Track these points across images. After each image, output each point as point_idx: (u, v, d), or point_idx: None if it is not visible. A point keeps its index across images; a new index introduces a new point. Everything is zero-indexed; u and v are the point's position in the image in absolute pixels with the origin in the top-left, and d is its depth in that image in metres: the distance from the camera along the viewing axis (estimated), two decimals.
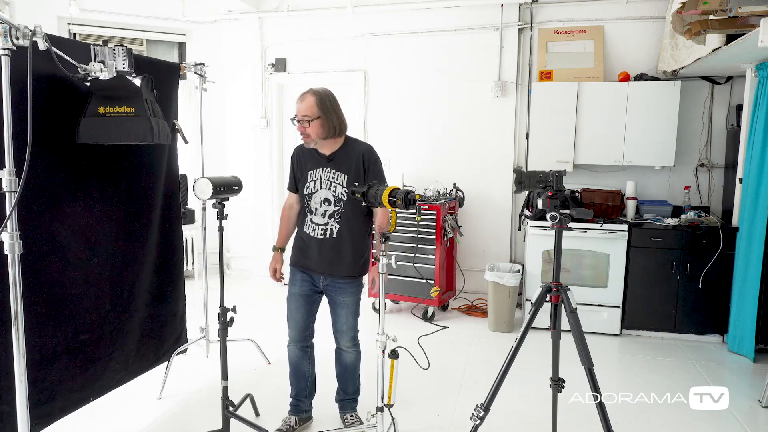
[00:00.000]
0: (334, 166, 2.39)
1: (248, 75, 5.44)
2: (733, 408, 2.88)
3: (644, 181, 4.50)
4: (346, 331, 2.51)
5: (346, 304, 2.47)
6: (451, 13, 4.81)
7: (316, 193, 2.41)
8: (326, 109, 2.33)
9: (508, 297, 4.08)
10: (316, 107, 2.31)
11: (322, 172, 2.40)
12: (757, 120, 3.50)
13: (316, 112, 2.31)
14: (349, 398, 2.67)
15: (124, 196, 2.63)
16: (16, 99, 1.72)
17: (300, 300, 2.51)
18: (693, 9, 2.93)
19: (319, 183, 2.40)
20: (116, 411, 2.84)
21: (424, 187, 4.82)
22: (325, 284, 2.47)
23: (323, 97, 2.34)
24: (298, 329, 2.54)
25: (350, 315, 2.49)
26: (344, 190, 2.37)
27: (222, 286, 2.42)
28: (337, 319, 2.51)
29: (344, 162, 2.39)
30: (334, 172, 2.39)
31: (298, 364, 2.60)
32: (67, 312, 2.34)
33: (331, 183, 2.39)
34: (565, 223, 2.13)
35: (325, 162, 2.41)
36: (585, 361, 2.09)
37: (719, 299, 3.84)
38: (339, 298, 2.46)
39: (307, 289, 2.50)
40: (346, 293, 2.46)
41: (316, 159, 2.43)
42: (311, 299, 2.52)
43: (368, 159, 2.39)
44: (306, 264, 2.47)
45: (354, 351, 2.58)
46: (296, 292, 2.51)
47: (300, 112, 2.32)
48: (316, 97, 2.32)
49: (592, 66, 4.48)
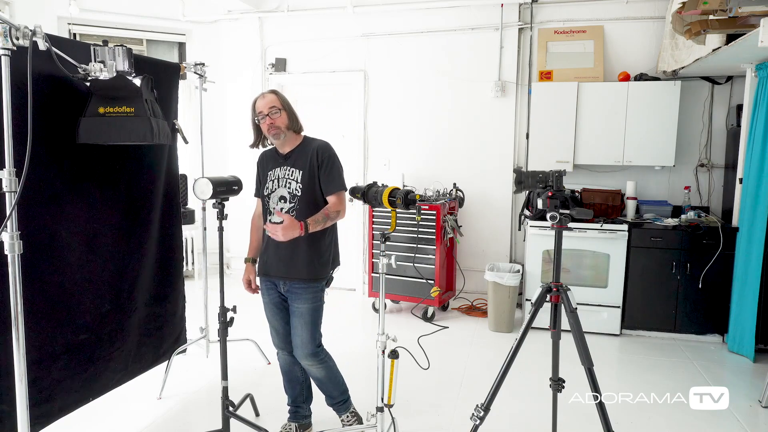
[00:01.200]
0: (290, 163, 2.41)
1: (248, 75, 5.44)
2: (733, 408, 2.88)
3: (644, 181, 4.50)
4: (301, 346, 2.38)
5: (301, 312, 2.36)
6: (451, 13, 4.81)
7: (274, 192, 2.42)
8: (287, 103, 2.42)
9: (508, 297, 4.08)
10: (278, 101, 2.39)
11: (279, 171, 2.42)
12: (757, 120, 3.50)
13: (280, 104, 2.38)
14: (338, 401, 2.62)
15: (124, 196, 2.63)
16: (16, 99, 1.72)
17: (273, 308, 2.48)
18: (693, 9, 2.93)
19: (276, 182, 2.42)
20: (116, 411, 2.84)
21: (424, 187, 4.82)
22: (285, 290, 2.42)
23: (280, 94, 2.45)
24: (280, 337, 2.51)
25: (305, 326, 2.37)
26: (299, 186, 2.36)
27: (222, 286, 2.42)
28: (293, 333, 2.40)
29: (300, 158, 2.40)
30: (289, 168, 2.40)
31: (289, 370, 2.57)
32: (66, 312, 2.34)
33: (287, 180, 2.39)
34: (565, 223, 2.13)
35: (283, 160, 2.43)
36: (585, 361, 2.09)
37: (719, 299, 3.84)
38: (294, 305, 2.38)
39: (275, 296, 2.46)
40: (302, 299, 2.36)
41: (276, 159, 2.46)
42: (282, 306, 2.47)
43: (322, 154, 2.38)
44: (266, 270, 2.44)
45: (319, 365, 2.45)
46: (268, 301, 2.49)
47: (267, 105, 2.36)
48: (274, 93, 2.42)
49: (592, 66, 4.48)
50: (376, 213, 4.51)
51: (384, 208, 2.28)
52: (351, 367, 2.98)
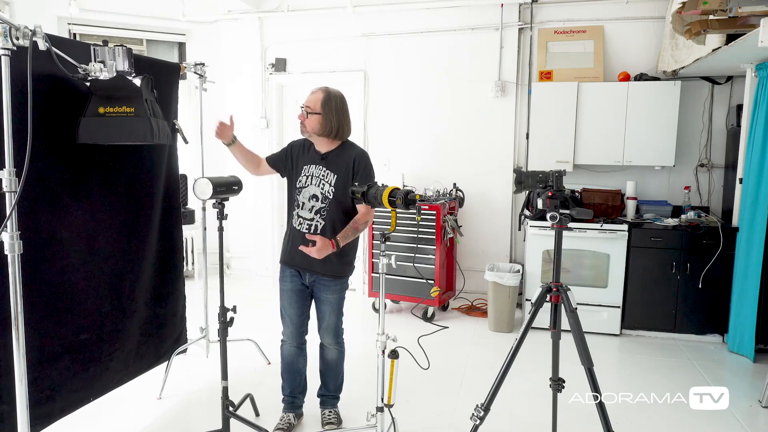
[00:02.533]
0: (326, 165, 2.44)
1: (248, 75, 5.43)
2: (733, 408, 2.88)
3: (644, 181, 4.49)
4: (329, 329, 2.55)
5: (329, 301, 2.50)
6: (451, 13, 4.81)
7: (306, 188, 2.45)
8: (329, 108, 2.39)
9: (508, 297, 4.08)
10: (320, 103, 2.38)
11: (314, 169, 2.45)
12: (757, 120, 3.50)
13: (318, 108, 2.38)
14: (330, 395, 2.71)
15: (124, 196, 2.63)
16: (16, 99, 1.72)
17: (292, 296, 2.53)
18: (693, 9, 2.94)
19: (310, 179, 2.45)
20: (116, 411, 2.84)
21: (424, 187, 4.82)
22: (311, 281, 2.50)
23: (332, 97, 2.41)
24: (294, 325, 2.57)
25: (333, 313, 2.53)
26: (332, 189, 2.41)
27: (222, 286, 2.42)
28: (321, 316, 2.55)
29: (336, 162, 2.44)
30: (325, 170, 2.44)
31: (292, 362, 2.63)
32: (67, 312, 2.34)
33: (321, 180, 2.43)
34: (565, 223, 2.13)
35: (319, 159, 2.46)
36: (585, 361, 2.09)
37: (719, 299, 3.84)
38: (323, 295, 2.50)
39: (298, 284, 2.53)
40: (330, 291, 2.48)
41: (312, 156, 2.48)
42: (302, 294, 2.54)
43: (359, 163, 2.43)
44: (292, 260, 2.50)
45: (337, 349, 2.61)
46: (288, 289, 2.54)
47: (307, 102, 2.42)
48: (325, 94, 2.41)
49: (592, 66, 4.48)
50: (376, 213, 4.51)
51: (384, 208, 2.29)
52: (351, 367, 2.98)
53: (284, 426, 2.63)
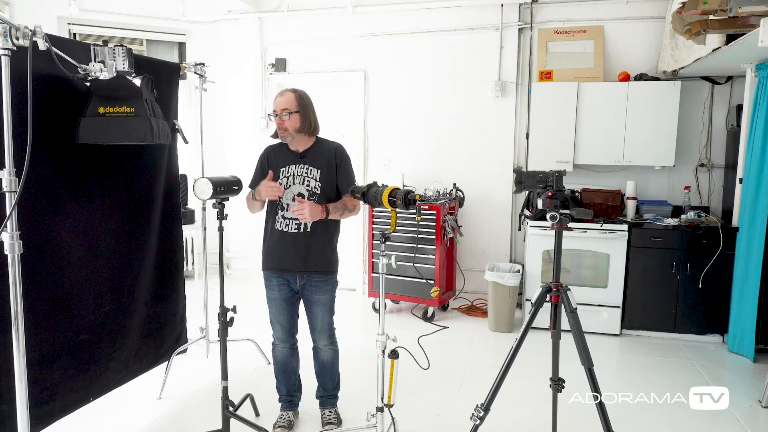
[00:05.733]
0: (307, 162, 2.48)
1: (248, 75, 5.43)
2: (733, 408, 2.88)
3: (644, 181, 4.49)
4: (323, 331, 2.57)
5: (322, 302, 2.51)
6: (451, 13, 4.81)
7: (288, 189, 2.46)
8: (304, 105, 2.45)
9: (508, 297, 4.08)
10: (295, 102, 2.43)
11: (295, 168, 2.48)
12: (757, 120, 3.50)
13: (295, 106, 2.42)
14: (329, 395, 2.72)
15: (124, 196, 2.63)
16: (16, 99, 1.72)
17: (281, 304, 2.55)
18: (693, 9, 2.93)
19: (292, 179, 2.47)
20: (116, 411, 2.84)
21: (424, 187, 4.82)
22: (302, 284, 2.51)
23: (302, 94, 2.48)
24: (284, 330, 2.59)
25: (326, 313, 2.54)
26: (318, 184, 2.45)
27: (222, 286, 2.42)
28: (314, 319, 2.56)
29: (317, 158, 2.48)
30: (307, 167, 2.47)
31: (286, 362, 2.65)
32: (67, 312, 2.34)
33: (304, 178, 2.46)
34: (565, 223, 2.13)
35: (299, 158, 2.48)
36: (585, 361, 2.09)
37: (719, 299, 3.84)
38: (314, 296, 2.51)
39: (286, 292, 2.54)
40: (321, 291, 2.50)
41: (289, 156, 2.50)
42: (291, 301, 2.57)
43: (339, 155, 2.51)
44: (280, 265, 2.50)
45: (331, 349, 2.63)
46: (276, 297, 2.55)
47: (280, 106, 2.43)
48: (295, 93, 2.46)
49: (592, 66, 4.48)
50: (376, 213, 4.51)
51: (384, 208, 2.29)
52: (351, 366, 2.99)
53: (285, 423, 2.64)
